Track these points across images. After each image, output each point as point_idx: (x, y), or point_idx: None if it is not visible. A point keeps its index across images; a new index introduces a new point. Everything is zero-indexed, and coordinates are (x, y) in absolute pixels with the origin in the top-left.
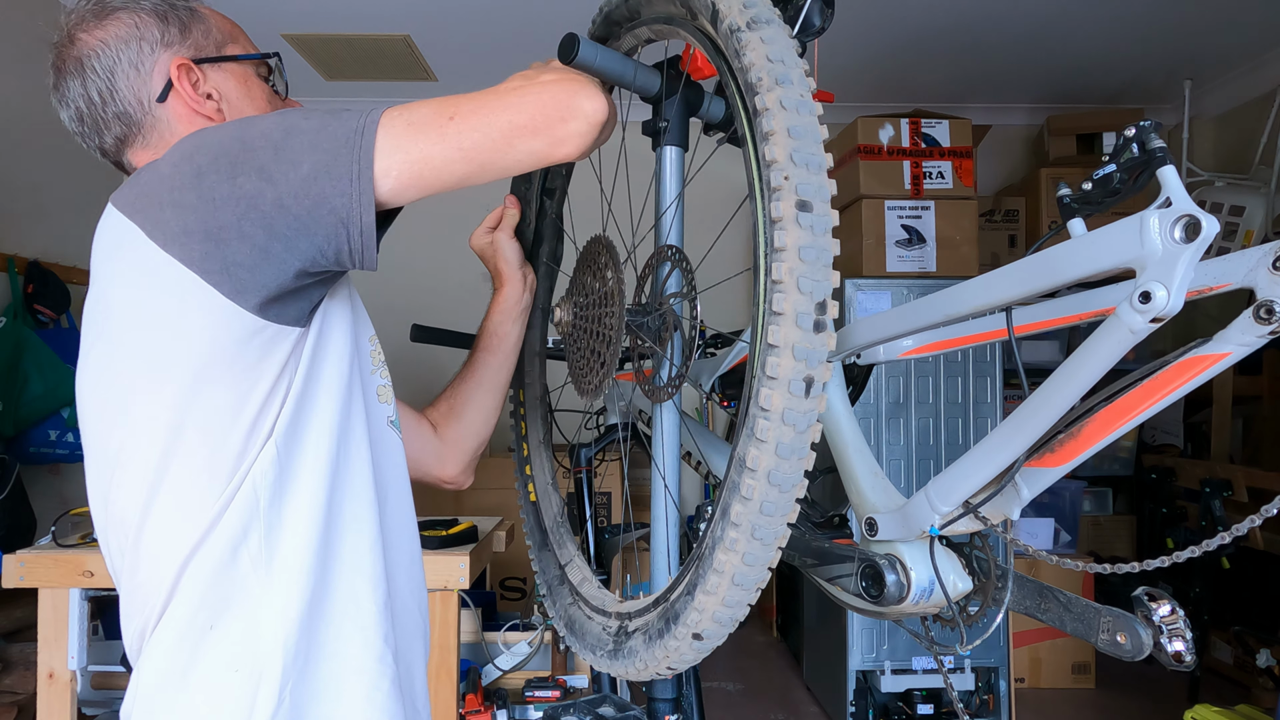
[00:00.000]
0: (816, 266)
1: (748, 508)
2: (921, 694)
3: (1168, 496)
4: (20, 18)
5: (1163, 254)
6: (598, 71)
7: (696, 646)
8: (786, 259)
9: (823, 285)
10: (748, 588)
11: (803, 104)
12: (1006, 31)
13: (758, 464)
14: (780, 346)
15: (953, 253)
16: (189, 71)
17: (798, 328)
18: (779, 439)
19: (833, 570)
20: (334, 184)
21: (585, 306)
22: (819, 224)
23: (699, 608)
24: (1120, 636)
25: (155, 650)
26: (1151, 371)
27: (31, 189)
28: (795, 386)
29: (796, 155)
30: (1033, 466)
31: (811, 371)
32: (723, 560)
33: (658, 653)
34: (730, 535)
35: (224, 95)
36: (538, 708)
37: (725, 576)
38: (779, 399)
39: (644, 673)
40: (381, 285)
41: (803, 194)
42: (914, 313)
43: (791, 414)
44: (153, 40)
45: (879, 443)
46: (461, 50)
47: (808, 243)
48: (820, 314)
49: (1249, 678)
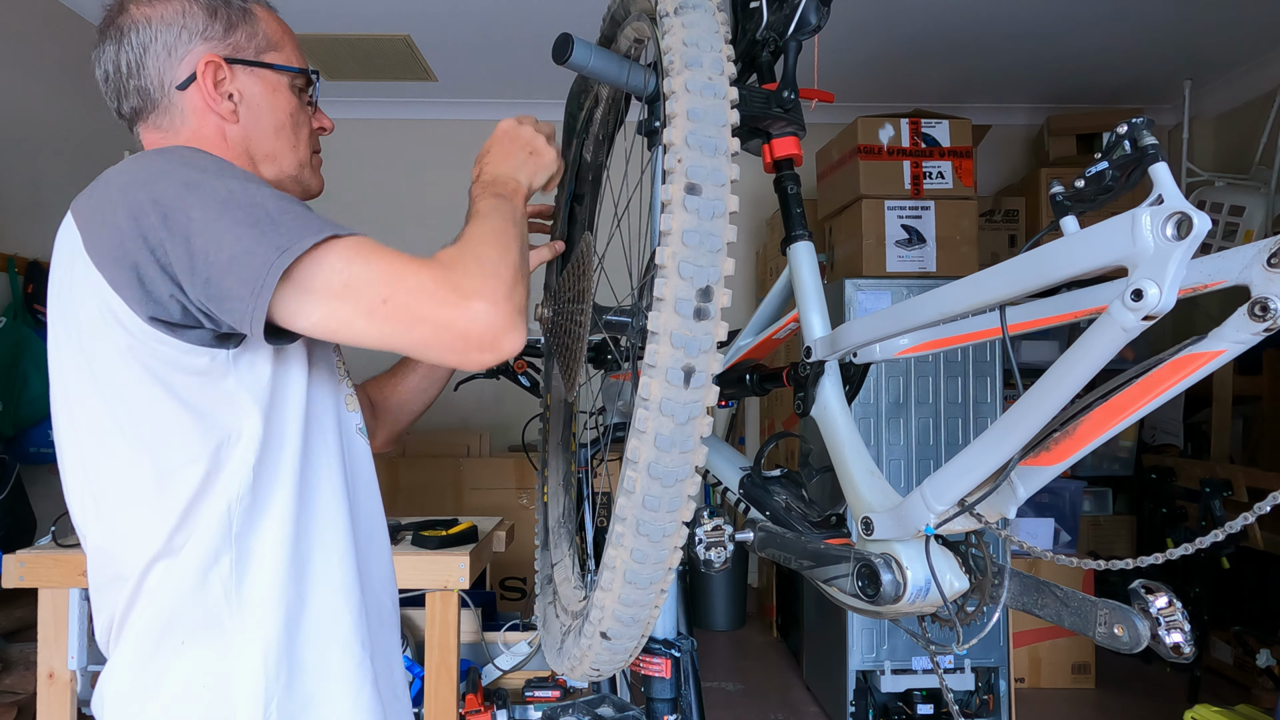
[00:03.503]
0: (700, 251)
1: (630, 501)
2: (921, 694)
3: (1168, 496)
4: (20, 19)
5: (1154, 251)
6: (591, 72)
7: (607, 646)
8: (670, 244)
9: (706, 271)
10: (643, 586)
11: (708, 86)
12: (1006, 31)
13: (637, 455)
14: (659, 334)
15: (953, 253)
16: (216, 69)
17: (677, 314)
18: (658, 430)
19: (829, 571)
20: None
21: (564, 303)
22: (707, 208)
23: (599, 605)
24: (1117, 629)
25: (126, 656)
26: (1146, 369)
27: (31, 189)
28: (673, 375)
29: (692, 138)
30: (1028, 465)
31: (692, 360)
32: (612, 555)
33: (575, 651)
34: (617, 530)
35: (245, 98)
36: (538, 708)
37: (617, 573)
38: (657, 388)
39: (574, 672)
40: None
41: (693, 177)
42: (908, 312)
43: (670, 404)
44: (194, 30)
45: (879, 443)
46: (461, 50)
47: (692, 226)
48: (703, 301)
49: (1249, 678)
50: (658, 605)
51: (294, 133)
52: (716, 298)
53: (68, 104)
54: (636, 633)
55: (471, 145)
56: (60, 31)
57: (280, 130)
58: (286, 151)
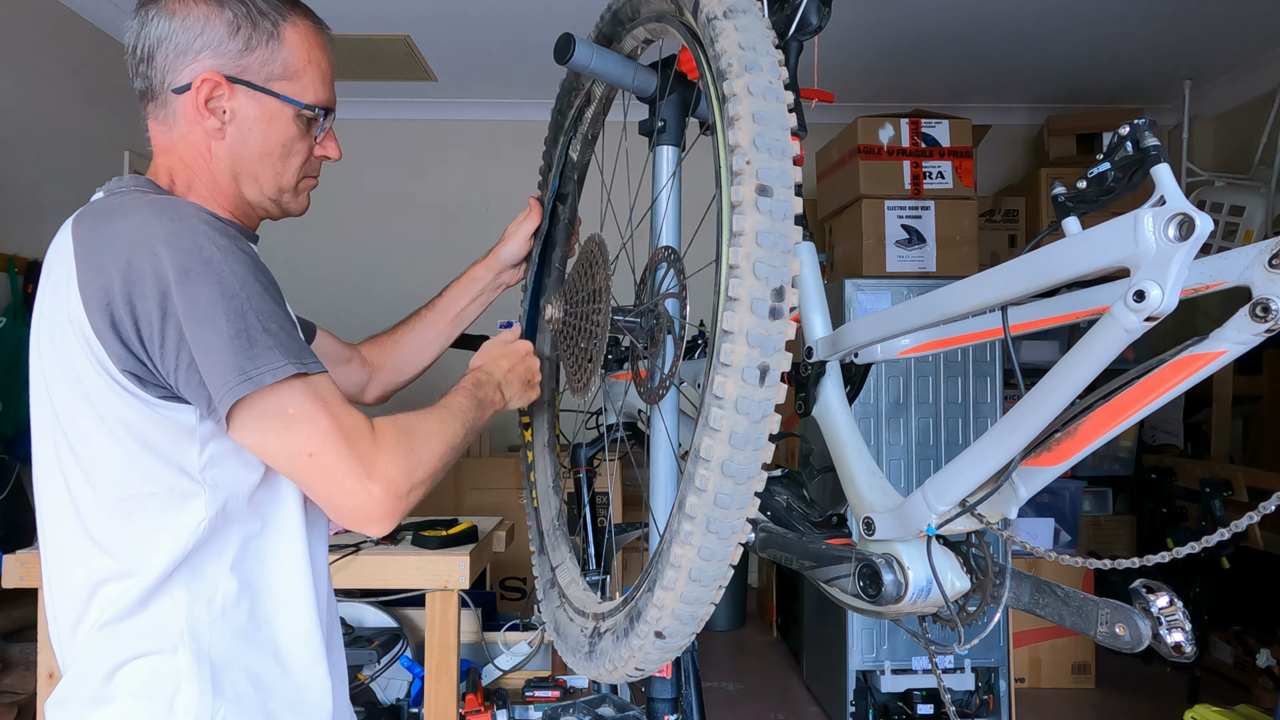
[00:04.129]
0: (774, 252)
1: (702, 500)
2: (921, 694)
3: (1168, 496)
4: (20, 19)
5: (1156, 252)
6: (593, 71)
7: (660, 645)
8: (744, 244)
9: (780, 271)
10: (707, 584)
11: (770, 90)
12: (1006, 31)
13: (711, 454)
14: (735, 333)
15: (953, 253)
16: (214, 87)
17: (753, 314)
18: (733, 428)
19: (831, 571)
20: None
21: (575, 304)
22: (779, 209)
23: (658, 604)
24: (1119, 628)
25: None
26: (1147, 370)
27: (31, 189)
28: (749, 374)
29: (760, 140)
30: (1029, 465)
31: (767, 359)
32: (679, 555)
33: (624, 652)
34: (685, 529)
35: (238, 119)
36: (538, 708)
37: (682, 572)
38: (733, 387)
39: (614, 674)
40: (381, 285)
41: (764, 179)
42: (910, 312)
43: (745, 402)
44: (209, 41)
45: (879, 443)
46: (461, 50)
47: (766, 228)
48: (777, 300)
49: (1249, 678)
50: (714, 602)
51: (281, 160)
52: (788, 297)
53: (68, 104)
54: (691, 630)
55: (471, 145)
56: (60, 32)
57: (267, 156)
58: (269, 176)
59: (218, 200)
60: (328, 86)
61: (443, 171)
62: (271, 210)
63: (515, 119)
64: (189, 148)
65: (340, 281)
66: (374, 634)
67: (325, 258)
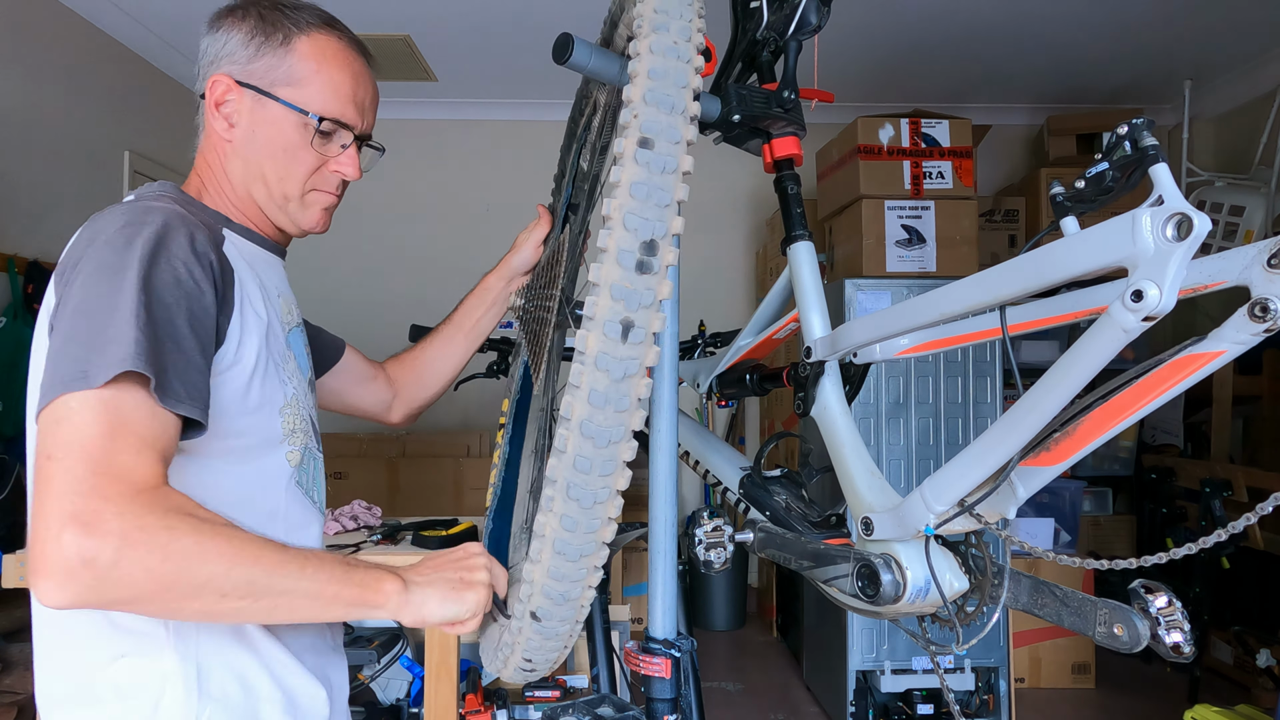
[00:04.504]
0: (648, 205)
1: (561, 461)
2: (921, 694)
3: (1168, 496)
4: (21, 19)
5: (1155, 252)
6: (592, 71)
7: (539, 630)
8: (617, 195)
9: (652, 225)
10: (572, 559)
11: (672, 49)
12: (1006, 31)
13: (570, 412)
14: (599, 285)
15: (953, 253)
16: (225, 90)
17: (619, 265)
18: (592, 385)
19: (829, 571)
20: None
21: (535, 291)
22: (658, 162)
23: (528, 578)
24: (1117, 629)
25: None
26: (1146, 370)
27: (31, 189)
28: (610, 329)
29: (650, 95)
30: (1028, 465)
31: (631, 314)
32: (541, 522)
33: (507, 638)
34: (546, 493)
35: (245, 120)
36: (537, 708)
37: (546, 542)
38: (593, 341)
39: (505, 667)
40: (381, 285)
41: (647, 131)
42: (909, 312)
43: (605, 359)
44: (229, 50)
45: (879, 443)
46: (461, 50)
47: (642, 179)
48: (646, 254)
49: (1249, 678)
50: (591, 585)
51: (285, 166)
52: (662, 253)
53: (69, 105)
54: (569, 614)
55: (471, 145)
56: (61, 32)
57: (272, 159)
58: (273, 180)
59: (229, 203)
60: (341, 102)
61: (442, 171)
62: (281, 219)
63: (515, 119)
64: (209, 151)
65: (340, 281)
66: (374, 634)
67: (324, 257)
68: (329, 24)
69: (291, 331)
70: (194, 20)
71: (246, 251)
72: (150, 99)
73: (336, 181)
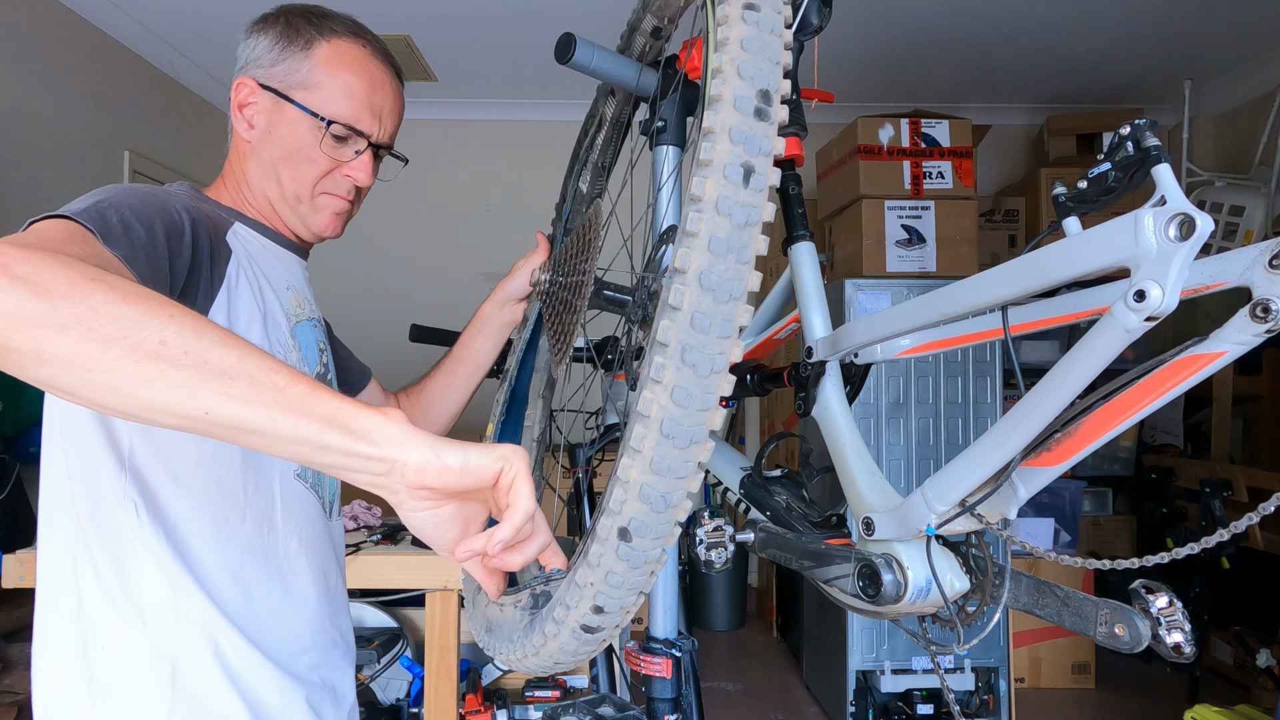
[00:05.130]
0: (760, 58)
1: (677, 321)
2: (921, 694)
3: (1168, 496)
4: (20, 19)
5: (1157, 252)
6: (594, 71)
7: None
8: (729, 50)
9: (766, 75)
10: (681, 444)
11: None
12: (1006, 31)
13: (687, 263)
14: (716, 130)
15: (953, 253)
16: (249, 92)
17: (737, 110)
18: (712, 231)
19: (830, 571)
20: None
21: (564, 264)
22: (765, 22)
23: (623, 477)
24: (1118, 629)
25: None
26: (1147, 370)
27: (31, 189)
28: (732, 172)
29: None
30: (1029, 465)
31: (751, 159)
32: (648, 399)
33: (580, 578)
34: (656, 361)
35: (263, 121)
36: (537, 708)
37: (652, 423)
38: (713, 186)
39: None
40: (381, 286)
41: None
42: (910, 312)
43: (727, 202)
44: (255, 54)
45: (879, 443)
46: (461, 50)
47: (751, 35)
48: (764, 102)
49: (1249, 678)
50: (691, 490)
51: (297, 167)
52: (775, 105)
53: (68, 104)
54: (664, 530)
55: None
56: (60, 32)
57: (286, 159)
58: (286, 180)
59: (244, 199)
60: (355, 107)
61: (442, 171)
62: (294, 221)
63: (515, 119)
64: (233, 150)
65: (339, 280)
66: (374, 634)
67: (323, 256)
68: (355, 32)
69: (300, 324)
70: (194, 20)
71: (254, 243)
72: (150, 99)
73: (348, 186)
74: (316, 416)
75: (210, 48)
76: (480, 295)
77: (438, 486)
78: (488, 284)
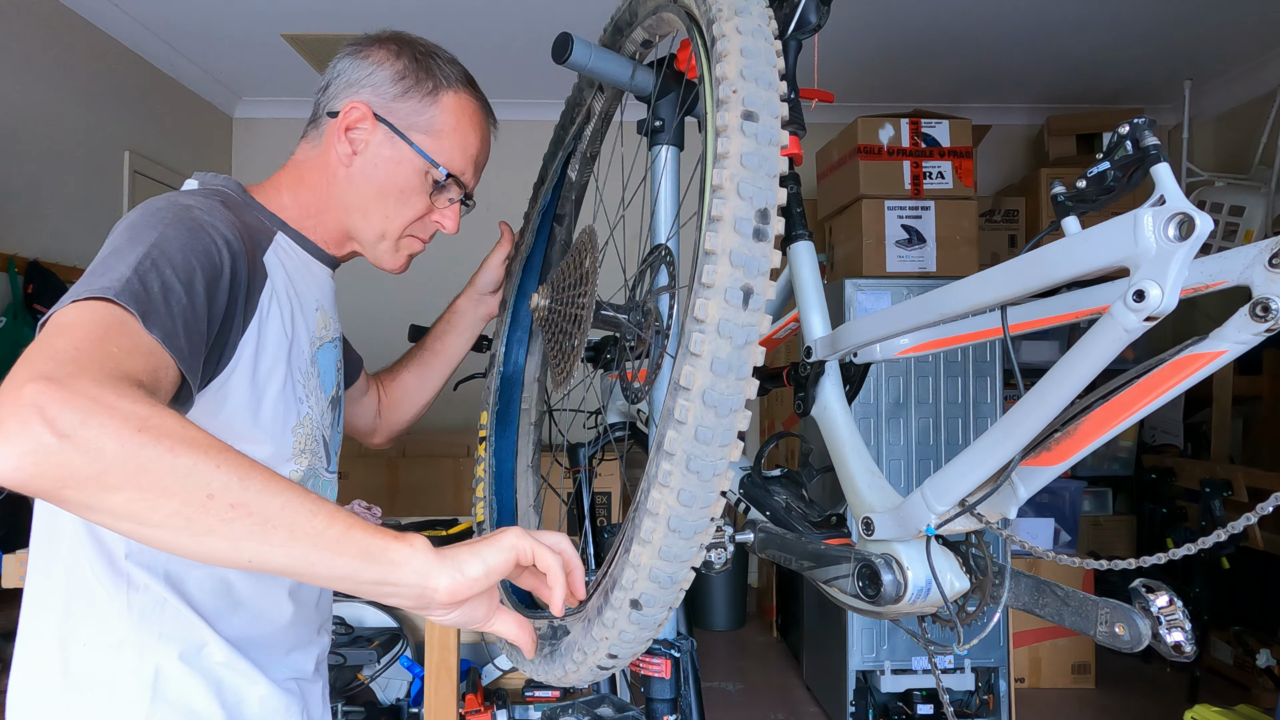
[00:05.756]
0: (759, 174)
1: (682, 434)
2: (921, 694)
3: (1168, 497)
4: (20, 19)
5: (1156, 252)
6: (592, 71)
7: (636, 619)
8: (728, 165)
9: (764, 193)
10: (687, 536)
11: (758, 30)
12: (1006, 31)
13: (691, 381)
14: (717, 253)
15: (953, 253)
16: (361, 118)
17: (736, 233)
18: (714, 352)
19: (830, 572)
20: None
21: (561, 291)
22: (764, 134)
23: (634, 563)
24: (1118, 628)
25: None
26: (1147, 370)
27: (31, 189)
28: (732, 295)
29: (747, 71)
30: (1029, 465)
31: (750, 280)
32: (656, 499)
33: (596, 634)
34: (663, 469)
35: (369, 152)
36: (537, 708)
37: (660, 521)
38: (715, 308)
39: (583, 665)
40: (380, 286)
41: (749, 105)
42: (909, 311)
43: (728, 325)
44: (374, 82)
45: (879, 443)
46: (461, 50)
47: (750, 150)
48: (761, 222)
49: (1249, 678)
50: (695, 564)
51: (394, 206)
52: (773, 222)
53: (68, 105)
54: (670, 599)
55: None
56: (60, 32)
57: (382, 197)
58: (377, 217)
59: (308, 216)
60: (467, 162)
61: None
62: (367, 253)
63: (515, 119)
64: (317, 168)
65: (338, 280)
66: (374, 634)
67: None
68: (470, 83)
69: (322, 347)
70: (194, 20)
71: (293, 260)
72: (150, 99)
73: (433, 231)
74: (352, 555)
75: (211, 48)
76: None
77: (469, 597)
78: None
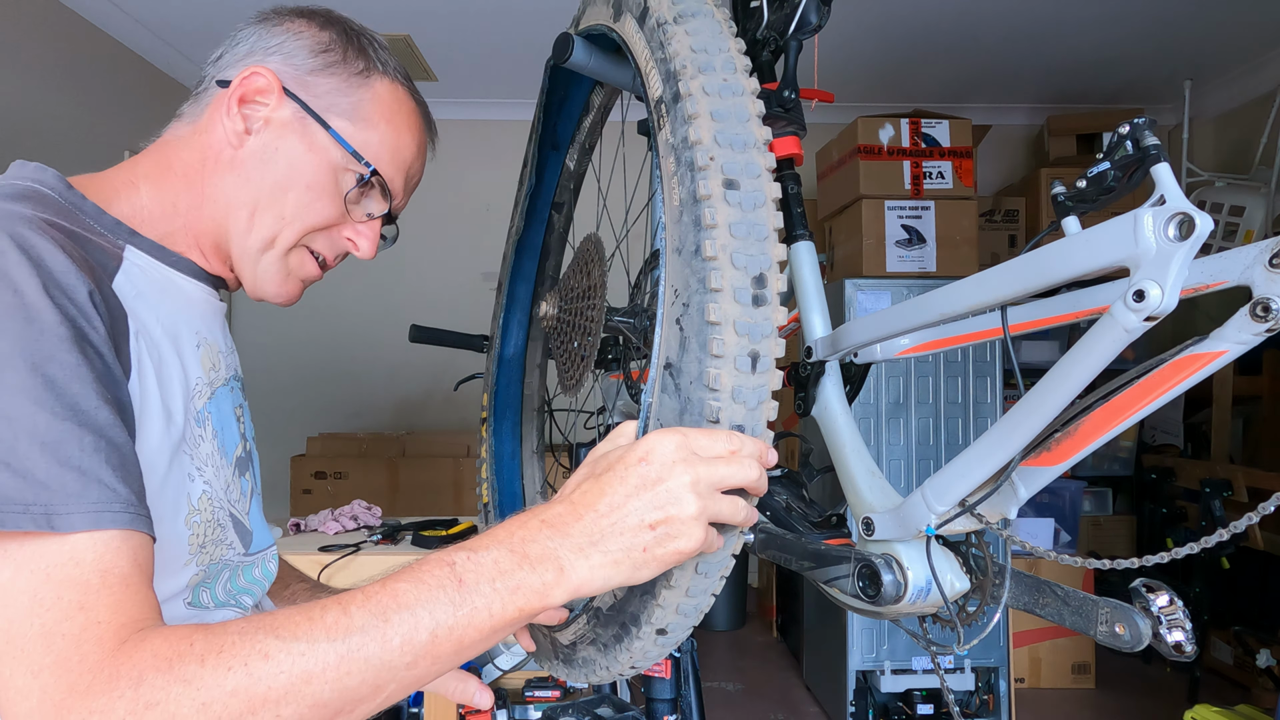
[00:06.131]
0: (749, 241)
1: None
2: (921, 694)
3: (1168, 497)
4: (20, 19)
5: (1156, 252)
6: (592, 71)
7: (662, 642)
8: (718, 236)
9: (758, 259)
10: (710, 574)
11: (725, 87)
12: (1006, 31)
13: None
14: (722, 324)
15: (953, 253)
16: (261, 91)
17: (737, 303)
18: (730, 419)
19: (830, 572)
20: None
21: (570, 300)
22: (748, 200)
23: (662, 604)
24: (1119, 628)
25: None
26: (1147, 370)
27: None
28: (741, 363)
29: (720, 136)
30: (1029, 465)
31: (756, 346)
32: (679, 576)
33: (620, 657)
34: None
35: (269, 133)
36: (537, 708)
37: (686, 569)
38: (727, 377)
39: (605, 677)
40: (381, 286)
41: (729, 173)
42: (909, 311)
43: (741, 391)
44: (285, 50)
45: (879, 443)
46: (461, 50)
47: (737, 218)
48: (759, 288)
49: (1249, 678)
50: (715, 593)
51: (291, 206)
52: (771, 284)
53: (67, 104)
54: (694, 623)
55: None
56: (60, 31)
57: (278, 192)
58: (266, 217)
59: (175, 216)
60: (398, 169)
61: (443, 171)
62: (242, 267)
63: (515, 119)
64: (193, 150)
65: (337, 282)
66: None
67: None
68: (410, 82)
69: (213, 396)
70: (194, 20)
71: (153, 278)
72: (150, 99)
73: (341, 251)
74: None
75: (211, 48)
76: (480, 295)
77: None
78: (488, 284)
